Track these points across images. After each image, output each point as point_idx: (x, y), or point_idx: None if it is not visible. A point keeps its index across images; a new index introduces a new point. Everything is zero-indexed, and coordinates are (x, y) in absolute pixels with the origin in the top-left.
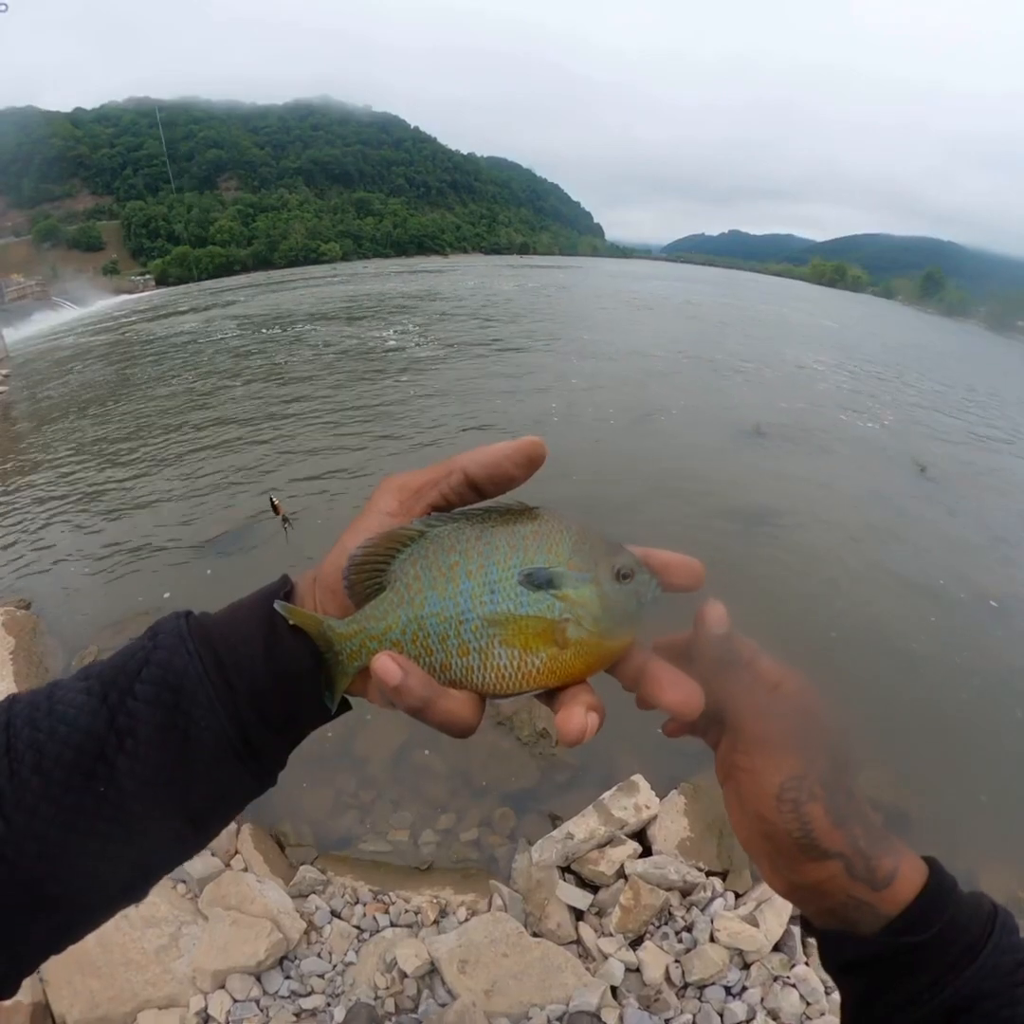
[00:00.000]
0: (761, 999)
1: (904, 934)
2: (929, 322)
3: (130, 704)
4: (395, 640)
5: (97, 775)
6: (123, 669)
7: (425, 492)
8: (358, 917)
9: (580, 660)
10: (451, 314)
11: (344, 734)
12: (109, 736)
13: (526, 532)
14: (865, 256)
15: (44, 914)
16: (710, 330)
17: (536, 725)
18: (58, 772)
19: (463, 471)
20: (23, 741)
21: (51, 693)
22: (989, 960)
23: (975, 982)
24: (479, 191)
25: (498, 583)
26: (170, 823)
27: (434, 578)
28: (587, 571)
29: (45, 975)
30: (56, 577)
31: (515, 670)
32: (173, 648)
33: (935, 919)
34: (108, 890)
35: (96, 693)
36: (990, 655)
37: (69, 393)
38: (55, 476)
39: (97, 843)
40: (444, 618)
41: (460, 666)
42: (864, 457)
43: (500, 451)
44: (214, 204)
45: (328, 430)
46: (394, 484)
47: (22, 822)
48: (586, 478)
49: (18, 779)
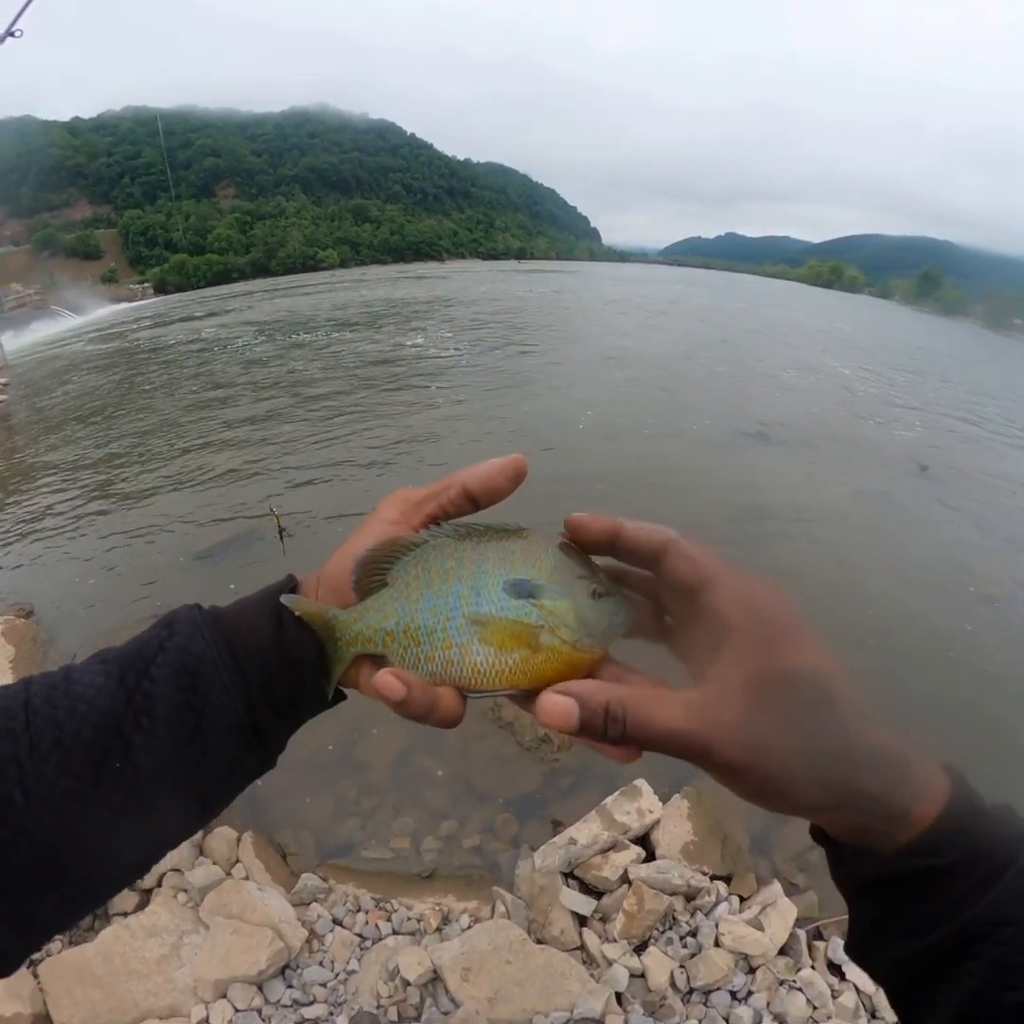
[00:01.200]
0: (767, 1003)
1: (922, 857)
2: (927, 322)
3: (147, 686)
4: (389, 630)
5: (114, 751)
6: (140, 654)
7: (425, 504)
8: (360, 925)
9: (550, 665)
10: (474, 320)
11: (345, 741)
12: (127, 715)
13: (515, 548)
14: (861, 256)
15: (55, 887)
16: (733, 336)
17: (538, 731)
18: (77, 748)
19: (462, 485)
20: (42, 718)
21: (67, 675)
22: (1012, 885)
23: (995, 907)
24: (476, 197)
25: (484, 588)
26: (180, 800)
27: (430, 579)
28: (566, 586)
29: (45, 985)
30: (56, 586)
31: (489, 667)
32: (190, 635)
33: (956, 843)
34: (117, 864)
35: (114, 675)
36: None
37: (69, 402)
38: (55, 485)
39: (111, 817)
40: (434, 614)
41: (442, 659)
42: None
43: (494, 466)
44: (212, 212)
45: (361, 444)
46: (397, 496)
47: (41, 795)
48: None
49: (38, 754)
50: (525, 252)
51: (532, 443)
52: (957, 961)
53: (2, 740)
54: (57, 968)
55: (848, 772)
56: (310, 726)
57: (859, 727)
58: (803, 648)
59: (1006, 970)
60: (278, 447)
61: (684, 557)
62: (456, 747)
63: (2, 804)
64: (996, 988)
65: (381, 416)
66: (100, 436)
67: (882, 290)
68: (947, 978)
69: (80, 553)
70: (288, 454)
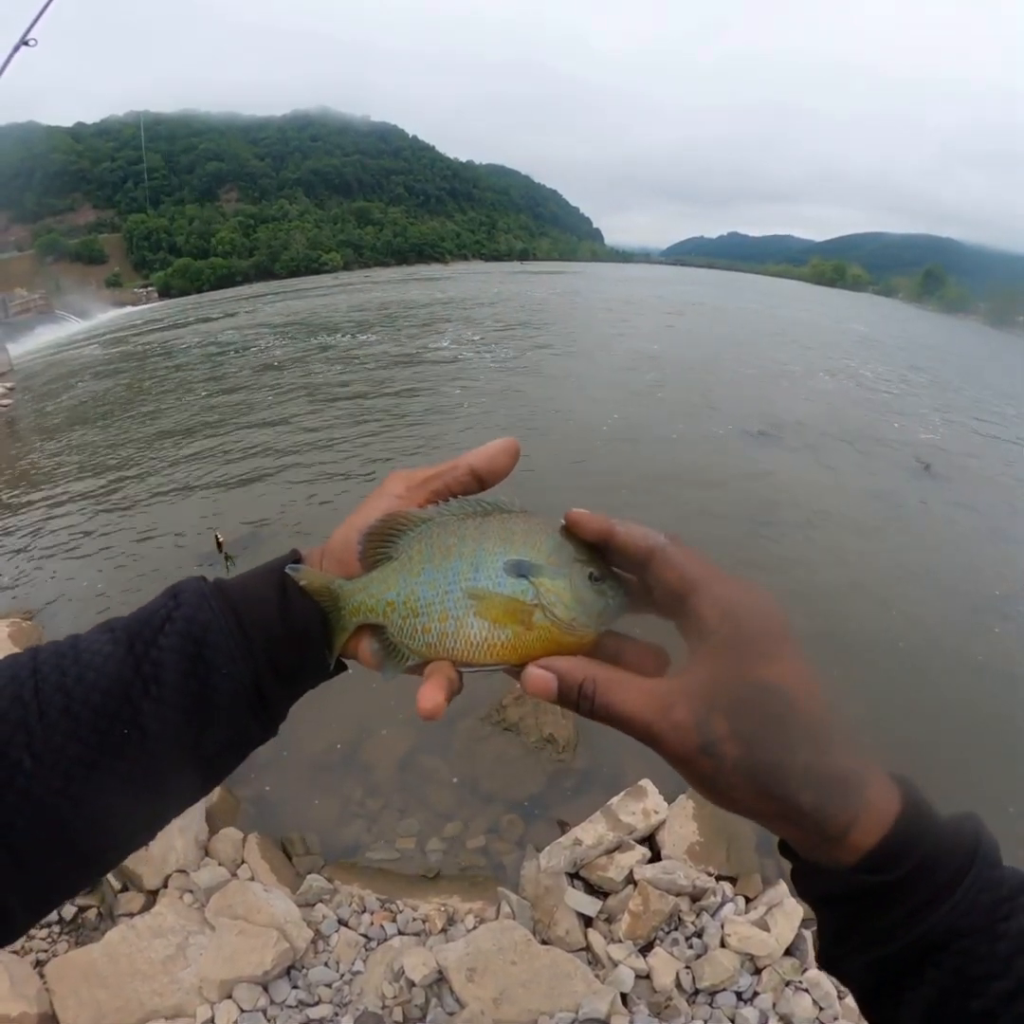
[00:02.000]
0: (773, 1004)
1: (872, 873)
2: (932, 320)
3: (155, 654)
4: (391, 600)
5: (122, 718)
6: (148, 623)
7: (430, 483)
8: (365, 926)
9: (541, 643)
10: (496, 321)
11: (351, 742)
12: (135, 681)
13: (517, 529)
14: (864, 255)
15: (62, 851)
16: (754, 338)
17: (543, 731)
18: (86, 713)
19: (468, 466)
20: (51, 685)
21: (75, 644)
22: (966, 897)
23: (950, 920)
24: (478, 198)
25: (483, 564)
26: (186, 766)
27: (433, 554)
28: (563, 568)
29: (52, 985)
30: (60, 589)
31: (483, 641)
32: (197, 605)
33: (906, 858)
34: (124, 830)
35: (122, 643)
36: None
37: (74, 406)
38: (60, 489)
39: (118, 782)
40: (433, 587)
41: (438, 631)
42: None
43: (497, 447)
44: (215, 216)
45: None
46: (402, 473)
47: (50, 760)
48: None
49: (47, 720)
50: (528, 253)
51: (560, 443)
52: (917, 970)
53: (11, 706)
54: (63, 968)
55: (786, 788)
56: (314, 726)
57: (809, 747)
58: (774, 662)
59: (967, 979)
60: (299, 452)
61: (670, 565)
62: (461, 748)
63: (12, 769)
64: (960, 996)
65: (410, 423)
66: (105, 440)
67: (885, 288)
68: (909, 986)
69: (85, 556)
70: (303, 462)
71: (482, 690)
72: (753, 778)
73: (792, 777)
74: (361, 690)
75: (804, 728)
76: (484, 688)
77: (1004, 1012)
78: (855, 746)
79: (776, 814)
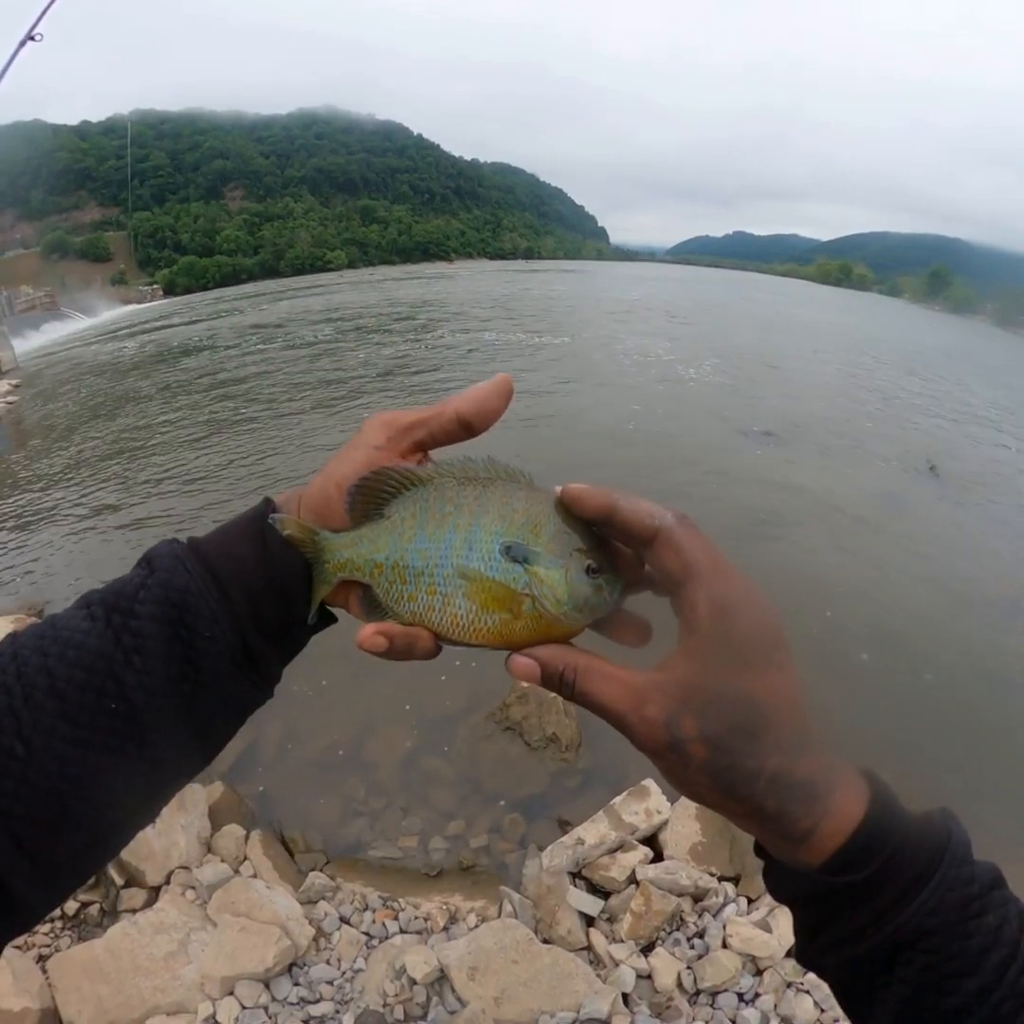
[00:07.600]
0: (774, 1006)
1: (837, 874)
2: (940, 320)
3: (133, 624)
4: (379, 562)
5: (108, 692)
6: (122, 593)
7: (414, 430)
8: (367, 924)
9: (527, 632)
10: (520, 321)
11: (353, 741)
12: (116, 654)
13: (517, 507)
14: (870, 254)
15: (67, 835)
16: (774, 338)
17: (546, 730)
18: (71, 692)
19: (455, 411)
20: (33, 667)
21: (53, 623)
22: (934, 895)
23: (918, 919)
24: (483, 197)
25: (477, 542)
26: (178, 735)
27: (427, 520)
28: (561, 557)
29: (54, 980)
30: (65, 585)
31: (468, 623)
32: (171, 569)
33: (872, 858)
34: (125, 807)
35: (99, 617)
36: None
37: (79, 403)
38: (66, 485)
39: (112, 759)
40: (424, 556)
41: (424, 603)
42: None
43: (487, 387)
44: (220, 214)
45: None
46: (383, 419)
47: (41, 743)
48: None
49: (32, 702)
50: (533, 252)
51: (592, 439)
52: (889, 969)
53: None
54: (66, 964)
55: (751, 792)
56: (317, 725)
57: (777, 757)
58: (757, 672)
59: (938, 976)
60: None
61: (673, 548)
62: (464, 747)
63: (3, 757)
64: (933, 994)
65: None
66: (109, 436)
67: (891, 288)
68: (882, 984)
69: (89, 551)
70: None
71: (485, 689)
72: (716, 780)
73: (757, 784)
74: (364, 689)
75: (775, 739)
76: (487, 687)
77: (977, 1009)
78: (827, 753)
79: (742, 814)
